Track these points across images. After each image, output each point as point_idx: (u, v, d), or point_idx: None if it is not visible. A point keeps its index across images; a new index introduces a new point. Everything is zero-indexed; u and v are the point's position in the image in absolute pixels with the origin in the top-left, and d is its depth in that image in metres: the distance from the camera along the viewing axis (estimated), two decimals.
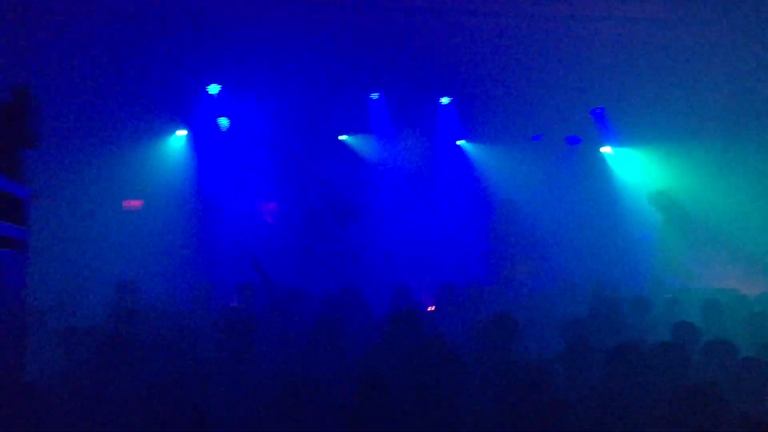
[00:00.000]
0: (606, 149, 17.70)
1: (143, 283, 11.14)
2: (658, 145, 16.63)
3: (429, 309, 11.86)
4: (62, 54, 14.17)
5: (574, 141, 17.32)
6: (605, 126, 17.35)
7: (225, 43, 14.80)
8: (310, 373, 5.98)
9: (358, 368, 6.34)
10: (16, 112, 4.57)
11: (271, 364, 7.29)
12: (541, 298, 10.99)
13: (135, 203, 15.92)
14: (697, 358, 6.93)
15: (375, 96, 16.97)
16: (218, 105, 16.22)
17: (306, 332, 7.91)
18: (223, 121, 16.23)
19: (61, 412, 5.51)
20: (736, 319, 9.16)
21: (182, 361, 6.93)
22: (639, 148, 17.21)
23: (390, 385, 5.01)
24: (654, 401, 5.53)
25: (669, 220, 15.18)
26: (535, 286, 13.77)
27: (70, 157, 14.77)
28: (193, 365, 6.57)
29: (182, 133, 16.34)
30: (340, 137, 17.20)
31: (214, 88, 16.07)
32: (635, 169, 17.35)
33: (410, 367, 6.22)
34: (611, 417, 5.26)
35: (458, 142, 17.81)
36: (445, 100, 17.27)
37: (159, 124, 15.81)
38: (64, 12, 13.70)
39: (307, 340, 7.53)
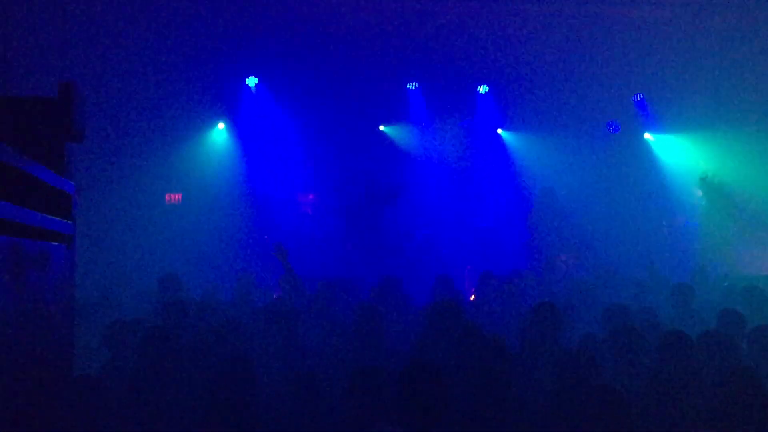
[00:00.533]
0: (647, 136, 17.53)
1: (186, 275, 11.21)
2: (700, 132, 16.44)
3: (471, 298, 11.84)
4: (105, 50, 14.34)
5: (614, 128, 17.17)
6: (646, 112, 17.19)
7: (263, 35, 14.88)
8: (353, 364, 6.00)
9: (400, 358, 6.34)
10: (62, 107, 4.61)
11: (316, 354, 7.32)
12: (582, 286, 10.90)
13: (176, 197, 16.06)
14: (744, 345, 6.85)
15: (413, 86, 16.95)
16: (257, 98, 16.31)
17: (348, 322, 7.93)
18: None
19: (108, 405, 5.56)
20: None
21: (228, 353, 6.97)
22: (680, 135, 17.02)
23: (435, 373, 5.00)
24: (701, 387, 5.48)
25: (714, 206, 15.00)
26: (577, 275, 13.68)
27: (113, 152, 14.94)
28: (239, 358, 6.60)
29: (222, 126, 16.45)
30: (380, 127, 17.23)
31: (252, 81, 16.17)
32: (677, 156, 17.16)
33: (453, 356, 6.22)
34: (661, 403, 5.24)
35: (498, 131, 17.74)
36: (483, 89, 17.20)
37: (200, 118, 15.94)
38: (107, 7, 13.84)
39: (350, 330, 7.55)
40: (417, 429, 4.57)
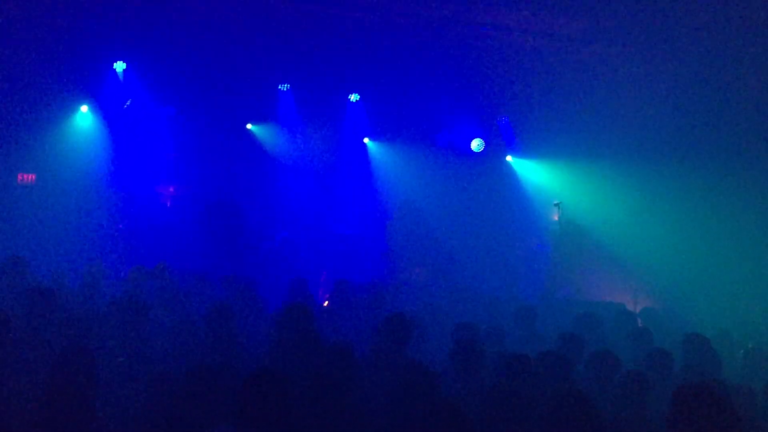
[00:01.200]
0: (509, 158, 17.99)
1: (34, 259, 10.81)
2: (559, 159, 16.96)
3: (324, 304, 11.88)
4: None
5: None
6: (509, 135, 17.65)
7: (136, 20, 14.53)
8: (201, 361, 5.92)
9: (249, 359, 6.32)
10: None
11: (163, 351, 7.19)
12: (435, 301, 11.10)
13: (29, 177, 15.48)
14: (581, 368, 7.12)
15: (284, 87, 16.88)
16: (125, 84, 15.91)
17: (198, 319, 7.83)
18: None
19: None
20: (619, 332, 9.45)
21: (69, 344, 6.77)
22: (540, 160, 17.53)
23: (279, 381, 5.00)
24: (537, 406, 5.65)
25: (565, 232, 15.51)
26: (431, 289, 13.90)
27: None
28: (80, 349, 6.41)
29: (85, 109, 15.96)
30: (247, 126, 17.07)
31: (120, 66, 15.77)
32: (536, 180, 17.68)
33: (299, 361, 6.23)
34: (498, 419, 5.38)
35: (365, 140, 17.87)
36: (354, 97, 17.31)
37: (61, 99, 15.39)
38: None
39: (199, 327, 7.47)
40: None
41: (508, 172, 17.99)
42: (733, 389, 6.40)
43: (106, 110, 16.04)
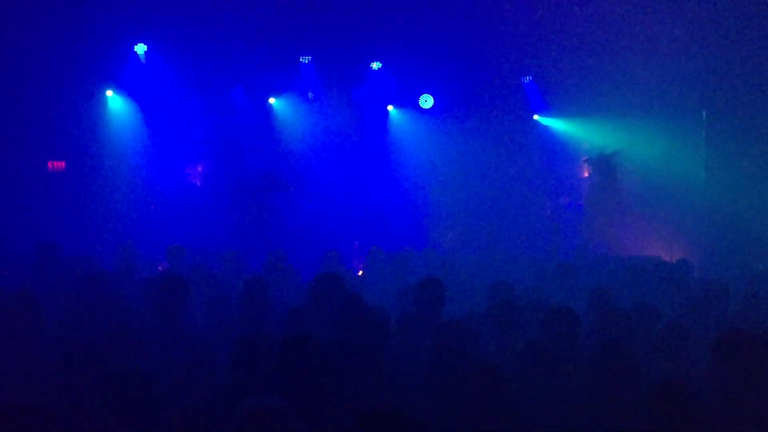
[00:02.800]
0: (536, 117, 17.83)
1: (67, 245, 10.89)
2: (584, 116, 16.80)
3: (359, 273, 11.90)
4: None
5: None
6: (535, 94, 17.49)
7: (154, 3, 14.53)
8: (240, 333, 5.94)
9: (285, 330, 6.33)
10: None
11: (202, 325, 7.23)
12: (470, 265, 11.09)
13: (59, 164, 15.60)
14: (616, 323, 7.02)
15: (306, 60, 16.82)
16: (147, 65, 15.94)
17: (234, 294, 7.86)
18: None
19: None
20: (657, 284, 9.35)
21: (108, 323, 6.83)
22: (566, 118, 17.37)
23: (314, 345, 5.02)
24: (577, 362, 5.62)
25: (602, 185, 15.36)
26: (466, 253, 13.90)
27: None
28: (121, 329, 6.46)
29: (111, 93, 16.02)
30: (270, 100, 17.04)
31: (141, 48, 15.79)
32: (564, 138, 17.53)
33: (333, 327, 6.25)
34: (536, 375, 5.36)
35: (389, 108, 17.78)
36: (376, 66, 17.20)
37: (85, 85, 15.46)
38: None
39: (236, 302, 7.50)
40: (297, 399, 4.56)
41: (536, 132, 17.82)
42: None
43: (130, 94, 16.09)
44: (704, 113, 14.75)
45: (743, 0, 13.54)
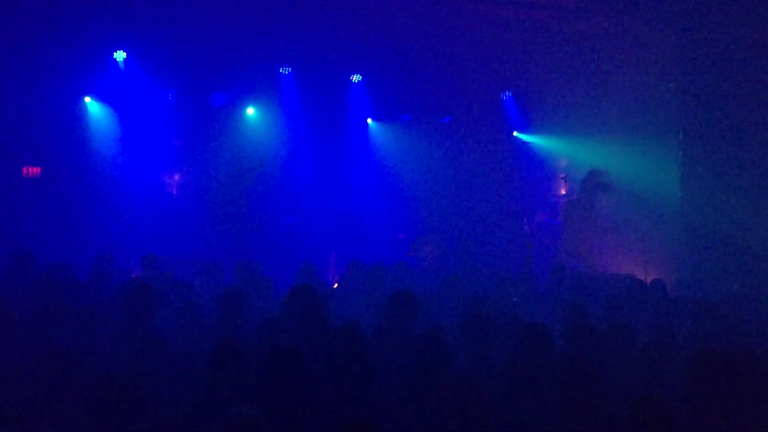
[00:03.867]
0: (515, 134, 17.89)
1: (41, 252, 10.80)
2: (563, 133, 16.90)
3: (334, 286, 11.88)
4: None
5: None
6: (514, 112, 17.58)
7: (133, 7, 14.47)
8: (215, 342, 5.92)
9: (256, 338, 6.31)
10: None
11: (172, 334, 7.19)
12: (446, 278, 11.08)
13: (34, 170, 15.47)
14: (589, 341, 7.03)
15: (286, 71, 16.80)
16: (126, 73, 15.86)
17: (209, 304, 7.84)
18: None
19: None
20: (631, 304, 9.39)
21: (83, 330, 6.80)
22: (545, 135, 17.45)
23: (297, 358, 5.01)
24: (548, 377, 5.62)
25: (574, 206, 15.40)
26: (442, 267, 13.89)
27: None
28: (94, 336, 6.43)
29: (88, 100, 15.93)
30: (248, 110, 17.00)
31: (120, 55, 15.72)
32: (542, 154, 17.61)
33: (307, 340, 6.24)
34: (510, 391, 5.36)
35: (368, 121, 17.80)
36: (356, 78, 17.22)
37: (63, 91, 15.34)
38: None
39: (212, 310, 7.49)
40: (276, 410, 4.55)
41: (515, 148, 17.89)
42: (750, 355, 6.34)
43: (108, 101, 16.01)
44: (681, 133, 14.86)
45: (720, 23, 13.64)
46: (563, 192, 16.58)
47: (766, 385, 5.26)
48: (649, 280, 11.98)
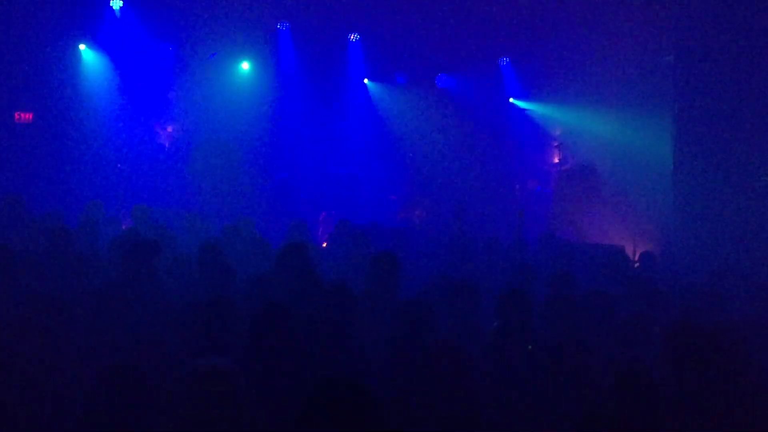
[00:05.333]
0: (511, 100, 17.86)
1: (30, 197, 10.80)
2: (560, 101, 16.88)
3: (323, 245, 11.91)
4: None
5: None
6: (511, 78, 17.53)
7: None
8: (204, 296, 5.97)
9: (248, 294, 6.34)
10: None
11: (168, 285, 7.22)
12: (432, 241, 11.14)
13: (27, 116, 15.40)
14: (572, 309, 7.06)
15: (283, 26, 16.70)
16: (122, 21, 15.74)
17: (197, 255, 7.87)
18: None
19: None
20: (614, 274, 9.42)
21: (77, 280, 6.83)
22: (541, 103, 17.43)
23: (284, 315, 5.06)
24: (533, 345, 5.68)
25: (566, 174, 15.43)
26: (430, 229, 13.93)
27: None
28: (90, 285, 6.46)
29: (83, 47, 15.82)
30: (244, 65, 16.90)
31: (116, 3, 15.60)
32: (538, 122, 17.60)
33: (297, 298, 6.28)
34: (494, 357, 5.42)
35: (365, 81, 17.74)
36: (354, 37, 17.13)
37: (57, 37, 15.23)
38: None
39: (200, 263, 7.52)
40: (266, 365, 4.62)
41: (511, 114, 17.87)
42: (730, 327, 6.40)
43: (103, 49, 15.90)
44: (676, 107, 14.85)
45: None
46: (556, 160, 16.60)
47: (741, 357, 5.32)
48: (637, 252, 12.06)
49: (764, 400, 5.11)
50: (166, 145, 16.35)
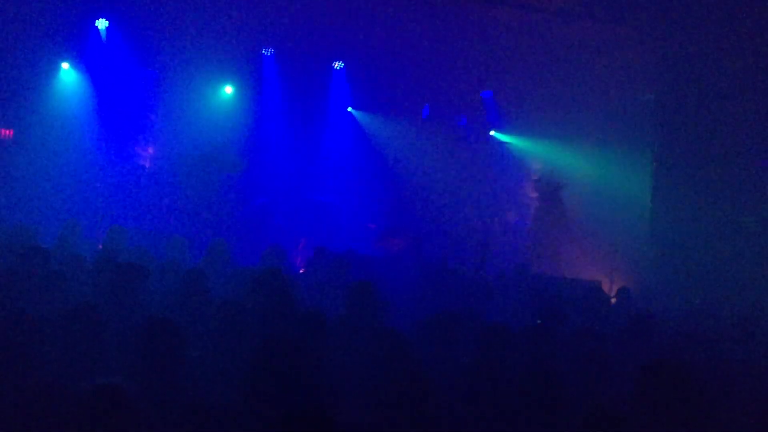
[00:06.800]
0: (492, 133, 17.93)
1: (7, 215, 10.72)
2: (541, 135, 16.98)
3: (300, 271, 11.86)
4: None
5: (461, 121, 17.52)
6: (493, 109, 17.61)
7: None
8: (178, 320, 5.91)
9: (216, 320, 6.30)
10: None
11: (148, 308, 7.15)
12: (411, 271, 11.11)
13: (7, 132, 15.32)
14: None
15: (268, 52, 16.73)
16: (107, 42, 15.73)
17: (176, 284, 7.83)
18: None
19: None
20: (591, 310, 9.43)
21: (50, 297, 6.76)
22: (522, 136, 17.51)
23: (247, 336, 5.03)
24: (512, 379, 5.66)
25: (545, 208, 15.49)
26: (408, 261, 13.90)
27: None
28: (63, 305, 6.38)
29: (66, 66, 15.78)
30: (227, 89, 16.90)
31: (102, 23, 15.58)
32: (518, 155, 17.68)
33: (271, 325, 6.24)
34: (473, 391, 5.40)
35: (348, 109, 17.77)
36: (338, 65, 17.18)
37: (41, 55, 15.18)
38: None
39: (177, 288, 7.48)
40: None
41: (492, 147, 17.94)
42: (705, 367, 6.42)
43: (87, 69, 15.87)
44: (655, 144, 14.97)
45: (698, 39, 13.77)
46: (535, 194, 16.66)
47: (712, 399, 5.32)
48: (614, 288, 12.09)
49: None
50: (147, 165, 16.29)
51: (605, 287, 12.93)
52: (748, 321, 9.44)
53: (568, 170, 15.82)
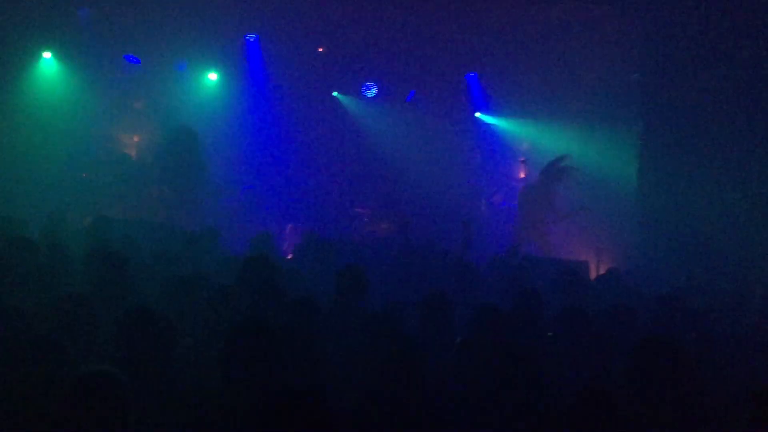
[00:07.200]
0: (477, 114, 17.93)
1: None
2: (526, 116, 17.00)
3: (288, 257, 11.87)
4: None
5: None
6: (478, 91, 17.60)
7: None
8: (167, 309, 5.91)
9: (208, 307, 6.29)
10: None
11: (138, 300, 7.13)
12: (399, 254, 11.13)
13: None
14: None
15: (251, 37, 16.66)
16: (89, 30, 15.62)
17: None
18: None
19: None
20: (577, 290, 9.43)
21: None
22: (508, 118, 17.53)
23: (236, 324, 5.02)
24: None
25: (531, 189, 15.47)
26: (396, 243, 13.92)
27: None
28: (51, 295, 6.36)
29: (49, 55, 15.67)
30: (210, 75, 16.83)
31: (84, 12, 15.48)
32: (504, 137, 17.69)
33: (260, 311, 6.25)
34: (465, 372, 5.42)
35: (333, 93, 17.72)
36: (323, 49, 17.12)
37: (24, 45, 15.07)
38: None
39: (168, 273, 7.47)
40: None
41: (477, 129, 17.95)
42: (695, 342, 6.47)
43: (68, 56, 15.75)
44: (641, 123, 14.99)
45: (685, 18, 13.77)
46: (522, 176, 16.68)
47: (704, 374, 5.37)
48: (601, 267, 12.13)
49: (727, 414, 5.16)
50: (132, 154, 16.22)
51: (592, 267, 12.99)
52: (735, 298, 9.52)
53: (554, 151, 15.78)
